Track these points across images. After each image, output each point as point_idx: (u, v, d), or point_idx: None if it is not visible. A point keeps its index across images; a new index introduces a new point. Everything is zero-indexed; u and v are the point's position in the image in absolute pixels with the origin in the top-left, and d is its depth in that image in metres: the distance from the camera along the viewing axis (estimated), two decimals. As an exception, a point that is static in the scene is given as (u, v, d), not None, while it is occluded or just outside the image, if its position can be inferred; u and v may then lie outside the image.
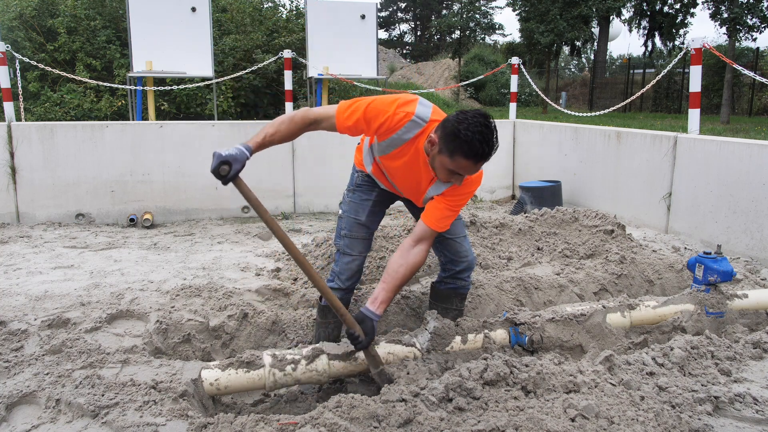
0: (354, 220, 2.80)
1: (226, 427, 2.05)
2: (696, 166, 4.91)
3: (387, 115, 2.39)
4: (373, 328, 2.38)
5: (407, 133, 2.42)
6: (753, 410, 2.18)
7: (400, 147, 2.48)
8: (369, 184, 2.83)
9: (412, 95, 2.51)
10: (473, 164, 2.26)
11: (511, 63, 7.78)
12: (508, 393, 2.21)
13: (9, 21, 11.05)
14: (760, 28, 19.25)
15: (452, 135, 2.22)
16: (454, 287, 2.91)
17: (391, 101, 2.43)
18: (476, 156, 2.23)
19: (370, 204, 2.80)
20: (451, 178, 2.36)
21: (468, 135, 2.19)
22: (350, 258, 2.80)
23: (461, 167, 2.28)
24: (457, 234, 2.81)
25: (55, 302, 3.48)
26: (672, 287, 3.76)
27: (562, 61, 38.77)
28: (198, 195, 6.06)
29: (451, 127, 2.24)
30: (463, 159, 2.24)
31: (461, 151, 2.22)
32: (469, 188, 2.52)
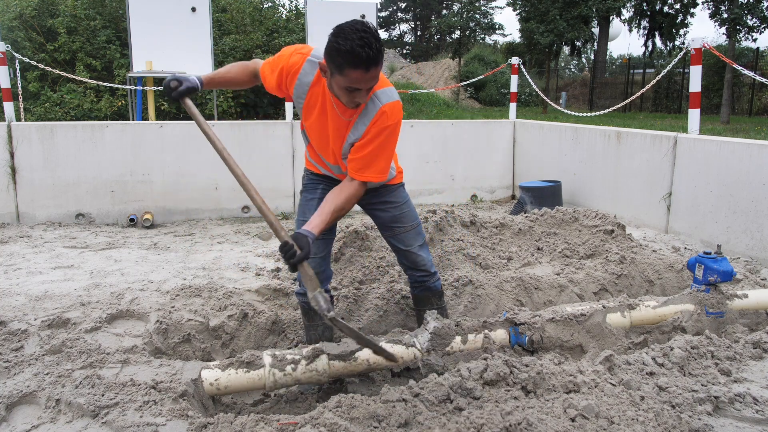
0: (302, 222, 2.71)
1: (226, 427, 2.05)
2: (696, 166, 4.91)
3: (285, 59, 2.49)
4: (309, 244, 2.25)
5: (308, 75, 2.44)
6: (753, 410, 2.18)
7: (308, 95, 2.48)
8: (313, 182, 2.81)
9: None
10: (365, 72, 2.19)
11: (511, 63, 7.78)
12: (508, 393, 2.21)
13: (9, 21, 11.06)
14: (760, 29, 19.25)
15: (334, 51, 2.18)
16: (424, 288, 2.92)
17: (290, 49, 2.54)
18: (363, 62, 2.16)
19: (315, 202, 2.73)
20: (354, 98, 2.29)
21: (347, 44, 2.14)
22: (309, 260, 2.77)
23: (355, 80, 2.21)
24: (411, 245, 2.80)
25: (55, 302, 3.48)
26: (672, 287, 3.76)
27: (562, 61, 38.77)
28: (198, 195, 6.06)
29: (330, 44, 2.21)
30: (353, 70, 2.17)
31: (347, 62, 2.16)
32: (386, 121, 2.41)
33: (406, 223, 2.79)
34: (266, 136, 6.25)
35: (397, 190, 2.80)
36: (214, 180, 6.07)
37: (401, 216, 2.78)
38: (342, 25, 2.22)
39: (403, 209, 2.79)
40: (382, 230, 2.87)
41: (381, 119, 2.41)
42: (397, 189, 2.80)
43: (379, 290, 3.40)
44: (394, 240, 2.81)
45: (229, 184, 6.10)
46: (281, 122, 6.54)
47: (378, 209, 2.79)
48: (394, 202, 2.78)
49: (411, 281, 2.94)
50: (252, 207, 6.22)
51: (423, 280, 2.89)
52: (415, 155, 6.82)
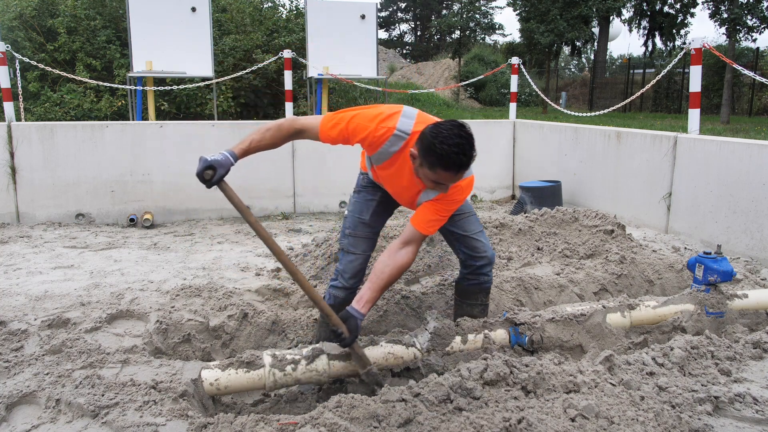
0: (358, 219, 2.84)
1: (226, 427, 2.05)
2: (696, 166, 4.91)
3: (368, 131, 2.45)
4: (357, 327, 2.40)
5: (392, 146, 2.48)
6: (753, 410, 2.18)
7: (389, 160, 2.54)
8: (373, 186, 2.87)
9: (396, 107, 2.53)
10: (454, 175, 2.30)
11: (511, 63, 7.78)
12: (508, 393, 2.21)
13: (9, 21, 11.05)
14: (759, 29, 19.25)
15: (429, 149, 2.25)
16: (477, 283, 2.92)
17: (373, 117, 2.48)
18: (455, 167, 2.27)
19: (374, 204, 2.84)
20: (436, 187, 2.41)
21: (444, 148, 2.22)
22: (354, 256, 2.83)
23: (443, 178, 2.32)
24: (472, 230, 2.82)
25: (55, 302, 3.48)
26: (672, 287, 3.76)
27: (562, 61, 38.77)
28: (198, 195, 6.05)
29: (427, 142, 2.27)
30: (444, 171, 2.28)
31: (440, 164, 2.26)
32: (460, 195, 2.56)
33: (465, 210, 2.83)
34: (266, 136, 6.23)
35: None
36: (214, 180, 6.06)
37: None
38: (441, 126, 2.28)
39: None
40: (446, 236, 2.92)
41: (455, 194, 2.52)
42: None
43: (379, 290, 3.40)
44: (453, 227, 2.81)
45: (229, 184, 6.09)
46: (281, 122, 6.54)
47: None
48: None
49: (467, 272, 2.91)
50: (252, 207, 6.22)
51: (483, 270, 2.87)
52: (415, 155, 6.82)
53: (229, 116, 11.75)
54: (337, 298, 2.86)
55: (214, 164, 2.30)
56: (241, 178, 6.13)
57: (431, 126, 2.30)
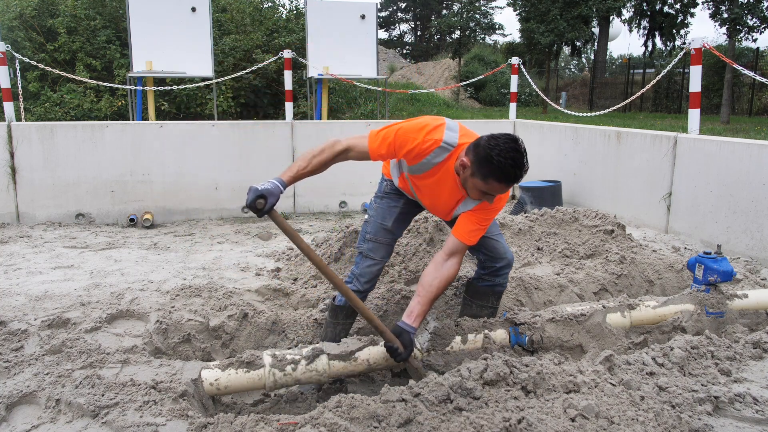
0: (380, 225, 2.84)
1: (226, 427, 2.05)
2: (696, 166, 4.91)
3: (416, 142, 2.46)
4: (411, 341, 2.46)
5: (436, 157, 2.49)
6: (753, 410, 2.18)
7: (430, 170, 2.55)
8: (397, 193, 2.88)
9: (440, 119, 2.54)
10: (506, 186, 2.36)
11: (511, 63, 7.78)
12: (508, 393, 2.21)
13: (9, 21, 11.06)
14: (760, 29, 19.24)
15: (485, 160, 2.29)
16: (491, 285, 2.92)
17: (419, 128, 2.48)
18: (509, 180, 2.32)
19: (397, 211, 2.85)
20: (483, 197, 2.45)
21: (501, 161, 2.27)
22: (372, 262, 2.83)
23: (494, 189, 2.37)
24: (492, 233, 2.83)
25: (55, 302, 3.48)
26: (672, 287, 3.76)
27: (562, 61, 38.77)
28: (198, 195, 6.06)
29: (484, 153, 2.30)
30: (496, 183, 2.33)
31: (494, 175, 2.30)
32: (499, 204, 2.59)
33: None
34: (266, 136, 6.24)
35: None
36: (214, 180, 6.07)
37: None
38: (498, 138, 2.32)
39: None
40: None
41: (495, 201, 2.53)
42: None
43: (379, 290, 3.40)
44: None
45: (229, 184, 6.11)
46: (281, 122, 6.54)
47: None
48: None
49: (484, 273, 2.91)
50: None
51: (502, 272, 2.88)
52: (415, 155, 6.82)
53: (229, 116, 11.76)
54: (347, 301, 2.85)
55: (264, 193, 2.27)
56: (241, 179, 6.15)
57: (488, 137, 2.34)
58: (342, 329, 2.93)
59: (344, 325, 2.93)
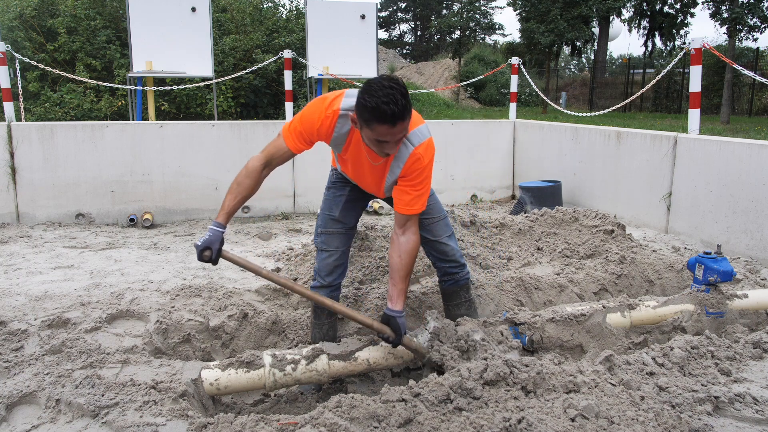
0: (328, 216, 2.85)
1: (226, 427, 2.05)
2: (696, 166, 4.91)
3: (320, 120, 2.46)
4: (399, 325, 2.46)
5: (343, 127, 2.48)
6: (753, 410, 2.18)
7: (345, 143, 2.53)
8: (342, 180, 2.88)
9: (339, 91, 2.53)
10: (391, 127, 2.24)
11: (511, 63, 7.78)
12: (508, 393, 2.21)
13: (9, 21, 11.06)
14: (760, 28, 19.25)
15: (361, 107, 2.25)
16: (453, 282, 2.95)
17: (318, 106, 2.48)
18: (388, 118, 2.21)
19: (343, 200, 2.84)
20: (383, 148, 2.36)
21: (373, 101, 2.19)
22: (327, 254, 2.84)
23: (382, 133, 2.27)
24: (440, 235, 2.85)
25: (55, 302, 3.48)
26: (672, 287, 3.76)
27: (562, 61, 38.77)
28: (198, 195, 6.06)
29: (358, 100, 2.27)
30: (379, 125, 2.24)
31: (375, 118, 2.23)
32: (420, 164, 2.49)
33: (434, 215, 2.84)
34: (266, 136, 6.24)
35: None
36: (214, 180, 6.07)
37: (428, 208, 2.81)
38: (370, 81, 2.28)
39: (430, 201, 2.83)
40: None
41: (415, 163, 2.49)
42: None
43: (379, 290, 3.40)
44: (423, 231, 2.82)
45: (229, 184, 6.09)
46: (281, 122, 6.54)
47: None
48: None
49: (440, 274, 2.96)
50: (251, 207, 6.23)
51: (453, 271, 2.91)
52: (415, 155, 6.81)
53: (229, 116, 11.76)
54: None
55: (206, 244, 2.42)
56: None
57: (363, 84, 2.30)
58: (329, 328, 2.94)
59: (329, 324, 2.94)
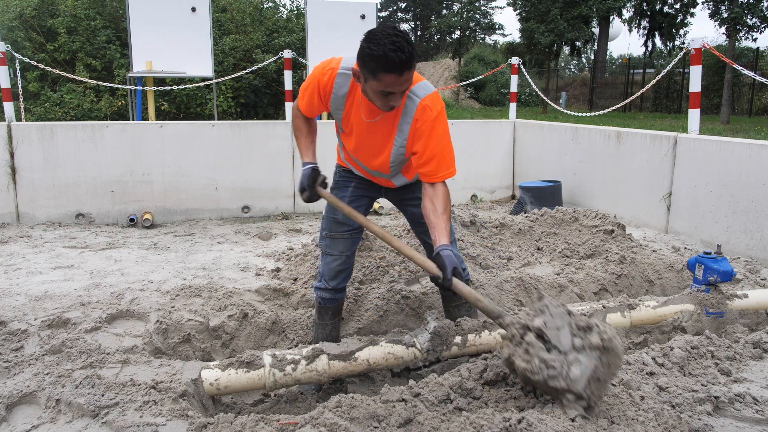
0: (332, 219, 2.80)
1: (226, 427, 2.05)
2: (696, 166, 4.91)
3: (319, 80, 2.48)
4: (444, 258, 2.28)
5: (342, 87, 2.46)
6: (753, 410, 2.18)
7: (345, 106, 2.49)
8: (345, 179, 2.85)
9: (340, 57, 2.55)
10: (398, 76, 2.20)
11: (511, 63, 7.78)
12: (508, 393, 2.21)
13: (9, 21, 11.06)
14: (760, 28, 19.25)
15: (367, 56, 2.19)
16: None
17: (319, 68, 2.51)
18: (396, 67, 2.17)
19: (346, 200, 2.78)
20: (389, 100, 2.30)
21: (379, 49, 2.15)
22: (331, 258, 2.81)
23: (389, 84, 2.22)
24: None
25: (55, 302, 3.48)
26: (672, 287, 3.76)
27: (562, 61, 38.77)
28: (198, 195, 6.06)
29: (362, 49, 2.22)
30: (386, 74, 2.19)
31: (381, 66, 2.18)
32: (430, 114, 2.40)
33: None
34: (266, 136, 6.24)
35: None
36: (214, 180, 6.07)
37: None
38: (373, 30, 2.23)
39: None
40: (414, 226, 2.88)
41: (424, 114, 2.41)
42: None
43: (379, 290, 3.40)
44: (425, 236, 2.79)
45: (229, 184, 6.11)
46: (281, 122, 6.54)
47: (410, 205, 2.81)
48: None
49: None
50: (252, 207, 6.22)
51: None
52: (415, 155, 6.81)
53: (229, 116, 11.76)
54: (324, 300, 2.87)
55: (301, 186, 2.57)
56: (241, 179, 6.15)
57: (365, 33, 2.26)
58: (332, 329, 2.93)
59: (333, 325, 2.93)
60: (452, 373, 2.30)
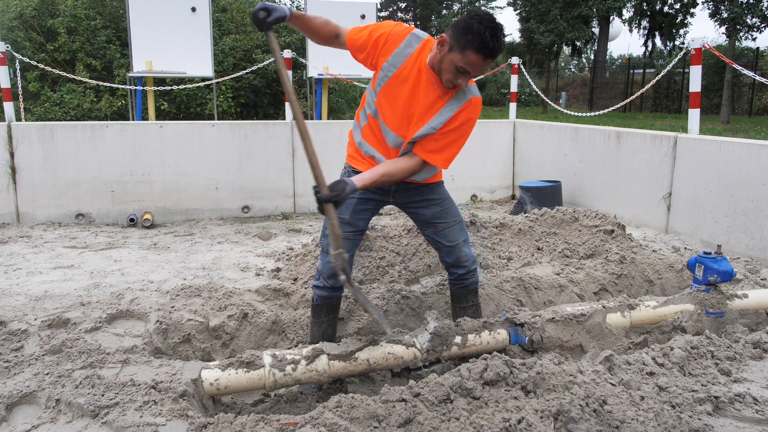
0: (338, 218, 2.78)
1: (226, 427, 2.05)
2: (696, 166, 4.91)
3: (390, 27, 2.57)
4: (342, 189, 2.36)
5: (409, 47, 2.52)
6: (753, 410, 2.18)
7: (402, 64, 2.53)
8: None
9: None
10: (483, 60, 2.35)
11: (511, 63, 7.78)
12: (508, 393, 2.21)
13: (9, 21, 11.06)
14: (760, 28, 19.25)
15: (466, 29, 2.33)
16: (463, 286, 2.93)
17: (392, 22, 2.60)
18: (486, 50, 2.32)
19: (355, 201, 2.75)
20: (458, 78, 2.43)
21: (481, 29, 2.29)
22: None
23: (471, 63, 2.36)
24: (456, 240, 2.82)
25: (55, 302, 3.48)
26: (672, 287, 3.76)
27: (562, 61, 38.76)
28: (198, 195, 6.06)
29: (464, 23, 2.35)
30: (474, 54, 2.33)
31: (473, 44, 2.32)
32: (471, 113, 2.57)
33: (449, 219, 2.81)
34: (266, 136, 6.24)
35: (439, 187, 2.84)
36: (214, 180, 6.07)
37: (443, 212, 2.80)
38: (478, 11, 2.40)
39: (445, 205, 2.81)
40: (424, 228, 2.87)
41: (469, 108, 2.56)
42: (438, 186, 2.84)
43: (379, 290, 3.40)
44: (438, 236, 2.80)
45: (229, 184, 6.11)
46: (281, 122, 6.54)
47: (420, 207, 2.81)
48: (436, 198, 2.81)
49: (451, 278, 2.93)
50: (252, 207, 6.22)
51: (465, 277, 2.88)
52: (415, 155, 6.81)
53: (229, 116, 11.75)
54: (321, 298, 2.86)
55: (269, 7, 2.42)
56: (241, 179, 6.15)
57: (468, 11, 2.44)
58: (327, 326, 2.92)
59: (328, 322, 2.92)
60: (452, 373, 2.30)
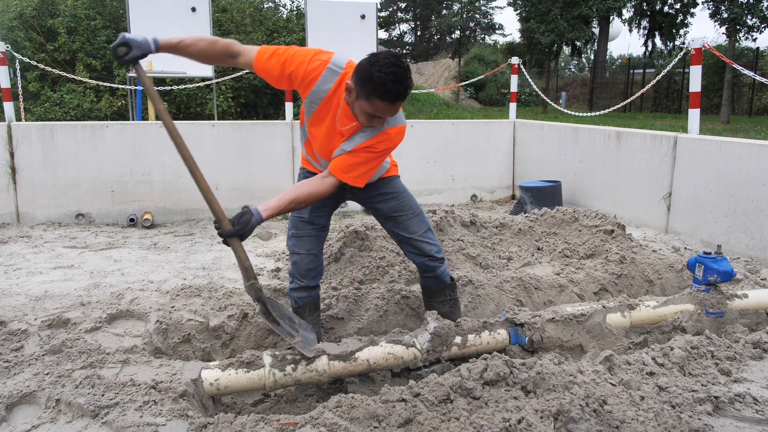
0: (297, 218, 2.80)
1: (226, 427, 2.05)
2: (696, 166, 4.91)
3: (304, 62, 2.43)
4: (247, 222, 2.32)
5: (326, 83, 2.44)
6: (753, 410, 2.18)
7: (321, 103, 2.48)
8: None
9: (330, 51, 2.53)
10: (390, 105, 2.28)
11: (511, 63, 7.78)
12: (508, 393, 2.21)
13: (9, 21, 11.06)
14: (760, 28, 19.25)
15: (366, 78, 2.24)
16: (435, 277, 2.89)
17: (308, 51, 2.47)
18: (391, 97, 2.24)
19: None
20: (372, 122, 2.38)
21: (381, 77, 2.21)
22: (298, 257, 2.81)
23: (379, 110, 2.29)
24: (417, 231, 2.80)
25: (55, 302, 3.48)
26: (672, 287, 3.76)
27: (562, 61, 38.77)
28: (198, 195, 6.00)
29: (364, 71, 2.26)
30: (380, 101, 2.26)
31: (376, 93, 2.24)
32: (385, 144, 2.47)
33: (407, 212, 2.79)
34: (266, 136, 6.24)
35: (393, 181, 2.82)
36: (214, 180, 6.07)
37: (401, 205, 2.79)
38: (378, 55, 2.27)
39: (402, 198, 2.80)
40: (385, 222, 2.86)
41: (384, 141, 2.47)
42: (393, 180, 2.83)
43: (379, 290, 3.40)
44: (398, 229, 2.79)
45: (229, 184, 6.11)
46: (281, 122, 6.54)
47: (377, 201, 2.81)
48: (392, 192, 2.80)
49: (421, 270, 2.90)
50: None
51: (433, 266, 2.84)
52: (415, 155, 6.82)
53: (229, 116, 11.75)
54: (300, 299, 2.86)
55: (130, 43, 2.32)
56: (241, 179, 6.15)
57: (367, 56, 2.30)
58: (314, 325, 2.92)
59: (313, 321, 2.91)
60: (452, 373, 2.30)
